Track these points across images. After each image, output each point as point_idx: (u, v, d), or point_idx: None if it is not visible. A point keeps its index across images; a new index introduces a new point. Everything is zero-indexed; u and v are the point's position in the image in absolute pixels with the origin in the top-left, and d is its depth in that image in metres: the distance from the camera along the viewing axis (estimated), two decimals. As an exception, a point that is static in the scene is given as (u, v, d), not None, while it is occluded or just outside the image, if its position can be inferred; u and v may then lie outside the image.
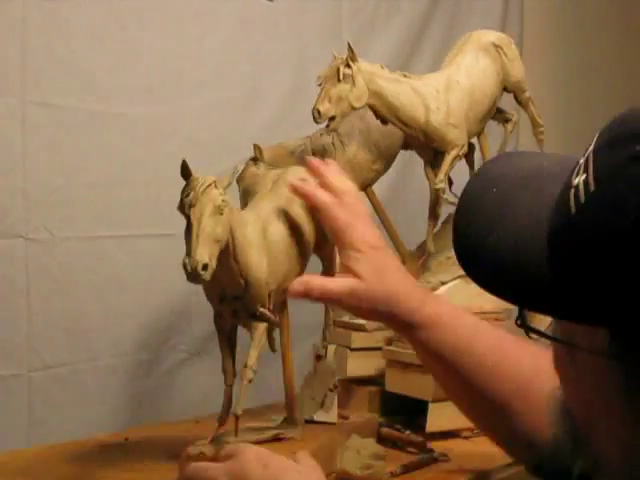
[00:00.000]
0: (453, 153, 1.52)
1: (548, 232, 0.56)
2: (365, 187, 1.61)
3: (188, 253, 1.02)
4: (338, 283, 0.94)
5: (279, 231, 1.18)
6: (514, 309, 0.63)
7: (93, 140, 1.63)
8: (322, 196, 1.00)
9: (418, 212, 1.66)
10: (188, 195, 1.05)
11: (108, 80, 1.64)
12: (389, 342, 1.51)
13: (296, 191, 1.04)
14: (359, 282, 0.93)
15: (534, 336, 0.62)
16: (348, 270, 0.94)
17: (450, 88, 1.52)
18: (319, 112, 1.37)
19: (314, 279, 0.97)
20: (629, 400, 0.54)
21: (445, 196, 1.55)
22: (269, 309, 1.17)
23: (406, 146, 1.63)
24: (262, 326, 1.17)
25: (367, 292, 0.92)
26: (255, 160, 1.43)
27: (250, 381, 1.15)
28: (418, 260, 1.64)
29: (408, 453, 1.37)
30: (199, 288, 1.80)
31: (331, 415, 1.32)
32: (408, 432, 1.41)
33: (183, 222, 1.06)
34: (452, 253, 1.64)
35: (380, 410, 1.51)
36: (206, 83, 1.79)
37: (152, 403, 1.74)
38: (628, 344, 0.52)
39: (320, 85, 1.39)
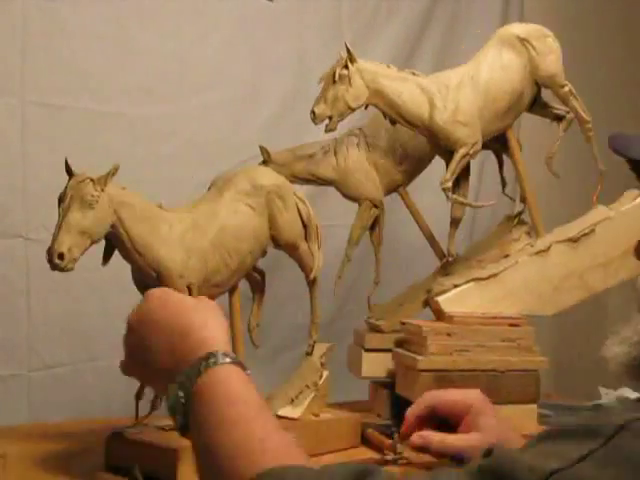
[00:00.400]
0: (462, 152, 1.47)
1: None
2: (394, 188, 1.59)
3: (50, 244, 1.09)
4: (452, 438, 1.00)
5: (210, 229, 1.21)
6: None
7: (93, 140, 1.63)
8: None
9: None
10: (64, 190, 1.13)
11: (108, 80, 1.64)
12: (398, 344, 1.48)
13: None
14: (479, 436, 0.98)
15: None
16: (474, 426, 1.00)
17: (462, 85, 1.48)
18: (314, 113, 1.37)
19: (433, 435, 1.02)
20: None
21: (454, 196, 1.48)
22: None
23: None
24: None
25: (485, 444, 0.93)
26: (265, 163, 1.44)
27: None
28: (467, 263, 1.58)
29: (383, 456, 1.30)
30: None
31: (296, 411, 1.30)
32: (394, 436, 1.32)
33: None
34: (484, 255, 1.60)
35: (392, 413, 1.48)
36: (206, 83, 1.79)
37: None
38: None
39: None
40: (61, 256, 1.09)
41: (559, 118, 1.60)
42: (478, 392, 1.03)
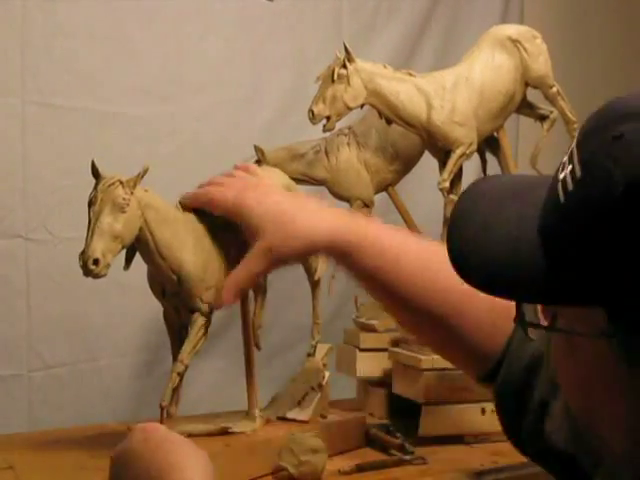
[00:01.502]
0: (459, 152, 1.49)
1: (540, 225, 0.58)
2: (384, 188, 1.60)
3: (83, 249, 1.06)
4: (242, 265, 0.99)
5: (217, 230, 1.19)
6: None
7: (93, 140, 1.63)
8: (200, 192, 1.09)
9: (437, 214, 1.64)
10: (92, 194, 1.10)
11: (108, 80, 1.64)
12: (395, 344, 1.49)
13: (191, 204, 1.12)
14: (260, 239, 0.97)
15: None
16: (250, 237, 0.99)
17: (458, 85, 1.49)
18: (313, 113, 1.37)
19: (228, 279, 1.02)
20: (631, 379, 0.55)
21: (451, 196, 1.51)
22: (209, 304, 1.18)
23: None
24: (200, 321, 1.18)
25: (271, 242, 0.96)
26: (258, 162, 1.43)
27: (179, 374, 1.19)
28: None
29: (391, 456, 1.33)
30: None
31: (304, 413, 1.31)
32: (398, 435, 1.37)
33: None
34: None
35: (389, 412, 1.50)
36: (206, 83, 1.79)
37: (152, 403, 1.73)
38: (627, 323, 0.53)
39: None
40: (96, 262, 1.06)
41: (543, 118, 1.63)
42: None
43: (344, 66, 1.39)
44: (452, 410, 1.42)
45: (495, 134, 1.62)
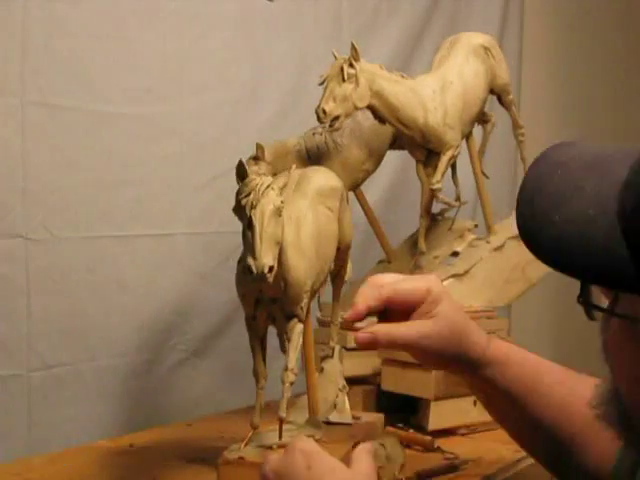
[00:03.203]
0: (449, 154, 1.53)
1: (620, 210, 0.57)
2: (355, 187, 1.61)
3: (253, 255, 1.01)
4: (403, 328, 0.89)
5: (310, 231, 1.16)
6: (503, 307, 0.64)
7: (93, 140, 1.63)
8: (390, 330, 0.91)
9: (412, 211, 1.67)
10: (247, 196, 1.04)
11: (108, 80, 1.64)
12: None
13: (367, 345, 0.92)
14: (432, 323, 0.88)
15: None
16: (425, 314, 0.89)
17: (445, 89, 1.53)
18: (324, 111, 1.36)
19: (379, 327, 0.89)
20: None
21: (442, 196, 1.57)
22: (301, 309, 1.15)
23: (400, 146, 1.63)
24: (299, 327, 1.15)
25: (439, 332, 0.88)
26: (256, 159, 1.43)
27: (292, 383, 1.14)
28: (411, 259, 1.65)
29: (415, 451, 1.38)
30: (198, 288, 1.81)
31: (345, 415, 1.31)
32: (411, 430, 1.43)
33: (182, 222, 1.06)
34: (438, 252, 1.71)
35: (375, 409, 1.52)
36: (206, 83, 1.79)
37: (152, 403, 1.74)
38: None
39: (322, 85, 1.39)
40: (271, 269, 1.01)
41: (485, 121, 1.72)
42: (434, 279, 0.93)
43: (351, 65, 1.39)
44: (452, 404, 1.48)
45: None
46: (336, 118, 1.38)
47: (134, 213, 1.68)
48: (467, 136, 1.65)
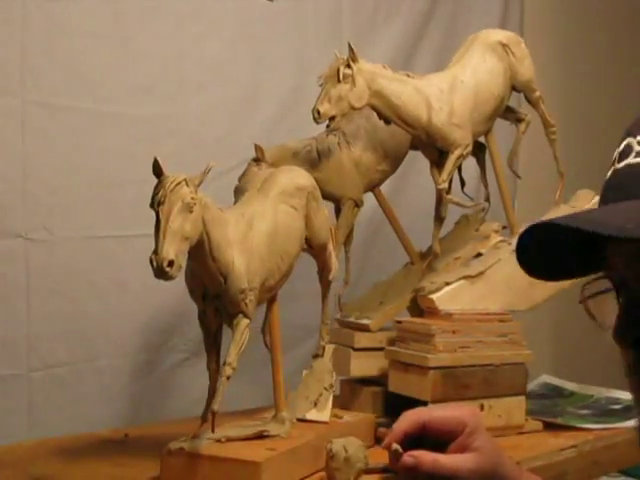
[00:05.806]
0: (457, 153, 1.51)
1: None
2: (371, 188, 1.61)
3: (155, 250, 1.03)
4: (447, 460, 0.90)
5: (265, 229, 1.19)
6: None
7: (93, 140, 1.63)
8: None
9: (425, 213, 1.65)
10: (158, 193, 1.06)
11: (108, 80, 1.64)
12: (391, 342, 1.51)
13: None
14: (475, 458, 0.89)
15: None
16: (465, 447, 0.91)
17: (454, 88, 1.51)
18: (319, 112, 1.37)
19: (425, 455, 0.90)
20: None
21: (449, 196, 1.54)
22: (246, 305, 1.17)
23: (414, 146, 1.61)
24: (243, 323, 1.17)
25: (483, 467, 0.89)
26: (257, 161, 1.43)
27: (228, 378, 1.16)
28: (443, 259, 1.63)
29: None
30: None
31: (323, 414, 1.31)
32: None
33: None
34: (460, 253, 1.69)
35: (383, 410, 1.51)
36: (206, 83, 1.79)
37: (152, 403, 1.74)
38: None
39: (321, 85, 1.40)
40: (171, 264, 1.02)
41: (519, 120, 1.68)
42: (472, 409, 0.96)
43: (348, 66, 1.39)
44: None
45: (483, 137, 1.65)
46: (332, 118, 1.39)
47: (134, 213, 1.68)
48: (486, 134, 1.62)
